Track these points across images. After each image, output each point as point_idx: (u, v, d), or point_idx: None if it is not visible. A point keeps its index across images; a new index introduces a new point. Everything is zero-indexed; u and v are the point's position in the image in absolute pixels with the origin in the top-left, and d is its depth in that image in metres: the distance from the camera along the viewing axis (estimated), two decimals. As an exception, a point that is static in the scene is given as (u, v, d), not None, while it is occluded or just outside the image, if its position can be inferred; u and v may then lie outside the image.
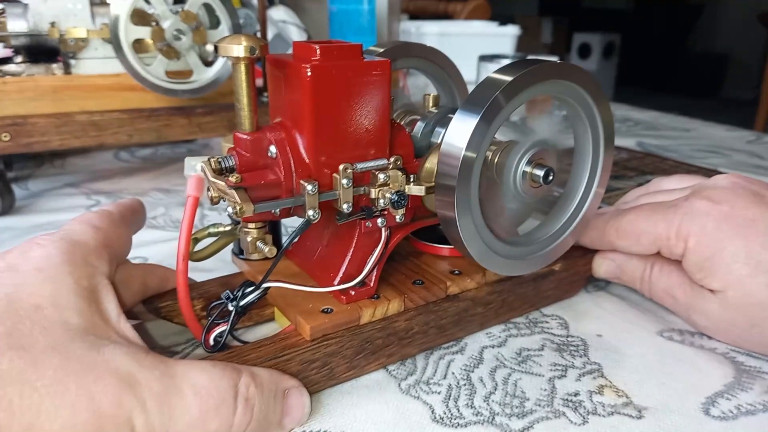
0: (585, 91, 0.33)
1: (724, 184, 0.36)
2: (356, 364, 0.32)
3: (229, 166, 0.30)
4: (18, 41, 0.54)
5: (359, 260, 0.33)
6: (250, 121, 0.30)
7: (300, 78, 0.29)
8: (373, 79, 0.30)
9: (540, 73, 0.30)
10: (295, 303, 0.32)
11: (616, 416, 0.30)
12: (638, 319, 0.39)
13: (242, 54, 0.28)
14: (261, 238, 0.32)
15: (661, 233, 0.36)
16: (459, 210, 0.30)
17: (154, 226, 0.54)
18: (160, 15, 0.54)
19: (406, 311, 0.33)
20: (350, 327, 0.31)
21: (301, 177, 0.30)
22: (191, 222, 0.29)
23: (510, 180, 0.32)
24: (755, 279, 0.33)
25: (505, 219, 0.34)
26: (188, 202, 0.29)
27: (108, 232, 0.30)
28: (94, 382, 0.22)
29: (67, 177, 0.68)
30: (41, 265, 0.25)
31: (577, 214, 0.37)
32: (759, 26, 3.57)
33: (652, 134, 0.94)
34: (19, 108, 0.54)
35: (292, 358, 0.29)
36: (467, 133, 0.29)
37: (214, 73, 0.58)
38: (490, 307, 0.37)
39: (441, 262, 0.37)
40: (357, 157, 0.31)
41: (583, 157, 0.36)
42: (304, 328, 0.30)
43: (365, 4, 0.87)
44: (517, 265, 0.35)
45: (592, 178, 0.37)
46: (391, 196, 0.31)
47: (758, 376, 0.33)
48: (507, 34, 1.31)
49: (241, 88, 0.30)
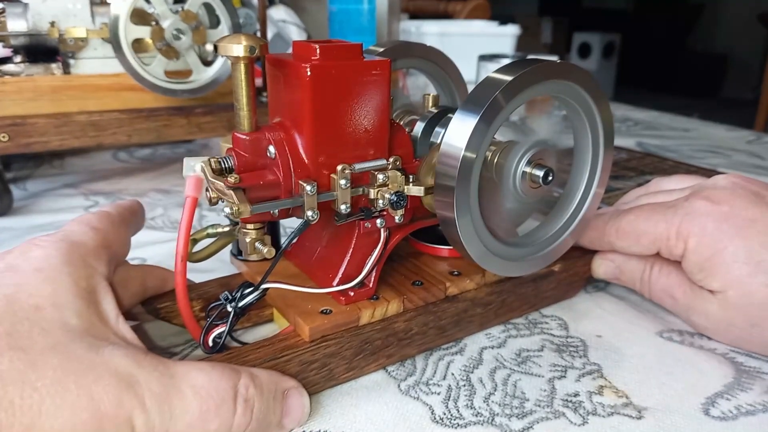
0: (585, 91, 0.33)
1: (723, 185, 0.36)
2: (356, 364, 0.32)
3: (229, 167, 0.30)
4: (17, 41, 0.54)
5: (358, 261, 0.33)
6: (249, 121, 0.30)
7: (300, 78, 0.29)
8: (372, 79, 0.30)
9: (540, 72, 0.30)
10: (294, 304, 0.32)
11: (615, 417, 0.30)
12: (638, 319, 0.39)
13: (242, 53, 0.28)
14: (260, 239, 0.31)
15: (661, 234, 0.36)
16: (458, 210, 0.30)
17: (152, 227, 0.53)
18: (160, 14, 0.54)
19: (406, 312, 0.33)
20: (349, 328, 0.31)
21: (300, 177, 0.30)
22: (190, 223, 0.29)
23: (510, 180, 0.32)
24: (755, 279, 0.33)
25: (504, 220, 0.34)
26: (187, 202, 0.29)
27: (107, 234, 0.30)
28: (94, 382, 0.22)
29: (65, 177, 0.68)
30: (41, 265, 0.25)
31: (577, 214, 0.37)
32: (759, 26, 3.57)
33: (652, 134, 0.94)
34: (18, 108, 0.54)
35: (291, 359, 0.29)
36: (467, 133, 0.29)
37: (213, 73, 0.58)
38: (489, 308, 0.37)
39: (440, 263, 0.37)
40: (356, 158, 0.31)
41: (582, 157, 0.36)
42: (303, 329, 0.30)
43: (365, 4, 0.87)
44: (516, 266, 0.35)
45: (592, 178, 0.36)
46: (390, 197, 0.31)
47: (758, 376, 0.33)
48: (507, 33, 1.31)
49: (241, 87, 0.29)
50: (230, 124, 0.61)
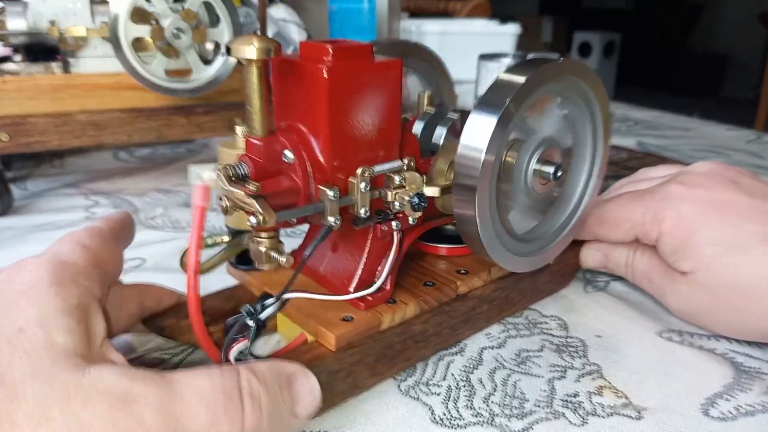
0: (588, 87, 0.34)
1: (701, 170, 0.37)
2: (378, 371, 0.31)
3: (243, 174, 0.28)
4: (17, 40, 0.54)
5: (373, 265, 0.32)
6: (262, 125, 0.29)
7: (315, 79, 0.28)
8: (386, 79, 0.30)
9: (551, 71, 0.31)
10: (313, 313, 0.31)
11: (615, 417, 0.30)
12: (638, 319, 0.39)
13: (254, 56, 0.27)
14: (275, 248, 0.30)
15: (638, 219, 0.37)
16: (479, 208, 0.30)
17: (152, 227, 0.53)
18: (160, 13, 0.54)
19: (422, 314, 0.33)
20: (372, 334, 0.31)
21: (319, 182, 0.29)
22: (200, 233, 0.28)
23: (521, 178, 0.33)
24: (723, 259, 0.33)
25: (515, 217, 0.35)
26: (195, 212, 0.28)
27: (98, 252, 0.28)
28: (82, 407, 0.20)
29: (66, 177, 0.68)
30: (27, 289, 0.24)
31: (579, 205, 0.38)
32: (759, 26, 3.56)
33: (652, 134, 0.94)
34: (18, 107, 0.53)
35: (320, 370, 0.28)
36: (486, 135, 0.29)
37: (213, 72, 0.58)
38: (494, 304, 0.37)
39: (443, 262, 0.37)
40: (369, 160, 0.30)
41: (582, 150, 0.37)
42: (328, 338, 0.29)
43: (365, 3, 0.87)
44: (527, 261, 0.36)
45: (591, 171, 0.37)
46: (410, 199, 0.30)
47: (757, 376, 0.33)
48: (507, 32, 1.30)
49: (253, 91, 0.28)
50: (231, 123, 0.61)
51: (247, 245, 0.31)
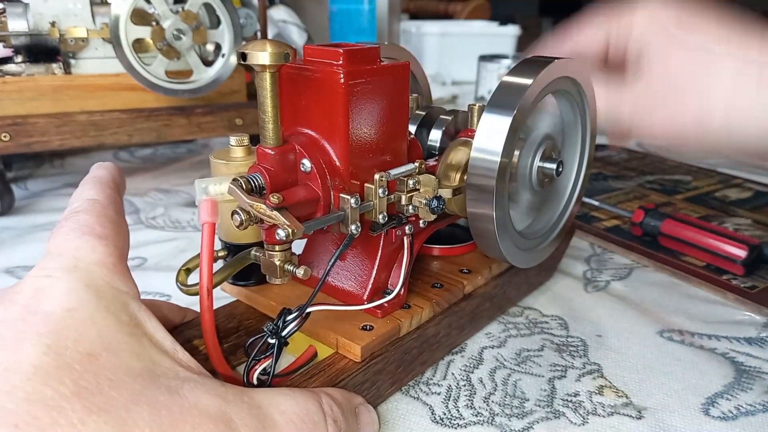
0: (580, 81, 0.35)
1: None
2: (398, 378, 0.31)
3: (259, 185, 0.27)
4: (18, 41, 0.54)
5: (385, 271, 0.32)
6: (275, 134, 0.27)
7: (331, 84, 0.27)
8: (396, 82, 0.30)
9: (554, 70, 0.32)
10: (330, 325, 0.30)
11: (615, 416, 0.30)
12: (638, 319, 0.39)
13: (267, 61, 0.25)
14: (288, 260, 0.28)
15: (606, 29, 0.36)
16: (497, 207, 0.30)
17: (153, 226, 0.53)
18: (161, 15, 0.54)
19: (435, 316, 0.33)
20: (392, 341, 0.30)
21: (338, 190, 0.28)
22: (212, 251, 0.26)
23: (526, 175, 0.33)
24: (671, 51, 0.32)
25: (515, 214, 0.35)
26: (204, 229, 0.26)
27: (114, 239, 0.25)
28: (194, 430, 0.20)
29: (66, 177, 0.68)
30: (69, 304, 0.21)
31: (573, 196, 0.39)
32: (759, 27, 3.57)
33: (652, 134, 0.94)
34: (18, 108, 0.54)
35: (347, 382, 0.28)
36: (501, 137, 0.29)
37: (214, 73, 0.58)
38: (494, 301, 0.37)
39: (441, 262, 0.38)
40: (381, 165, 0.30)
41: (573, 140, 0.38)
42: (352, 349, 0.29)
43: (366, 4, 0.87)
44: (531, 256, 0.36)
45: (582, 163, 0.38)
46: (428, 201, 0.30)
47: (758, 376, 0.33)
48: (507, 34, 1.31)
49: (267, 98, 0.26)
50: (230, 124, 0.61)
51: (254, 259, 0.29)
